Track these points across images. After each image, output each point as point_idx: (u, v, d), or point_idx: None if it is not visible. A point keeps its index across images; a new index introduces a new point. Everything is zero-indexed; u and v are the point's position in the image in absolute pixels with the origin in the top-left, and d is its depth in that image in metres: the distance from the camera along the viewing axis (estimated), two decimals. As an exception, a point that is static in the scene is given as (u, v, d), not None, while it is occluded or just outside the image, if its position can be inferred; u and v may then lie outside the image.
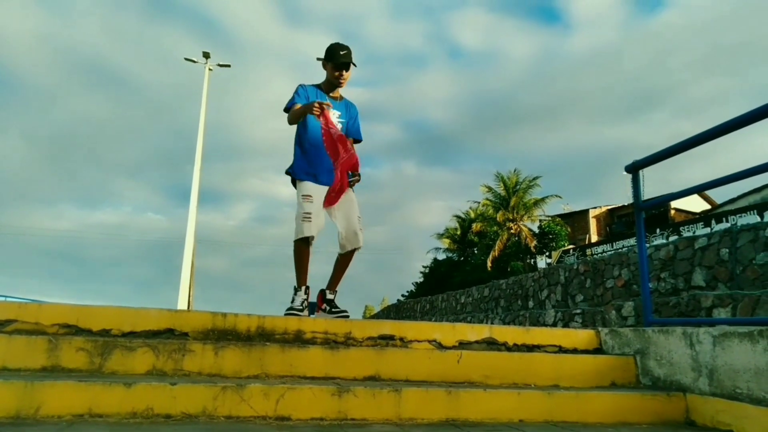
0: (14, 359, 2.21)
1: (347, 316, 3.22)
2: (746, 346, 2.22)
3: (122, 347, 2.32)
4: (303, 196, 3.26)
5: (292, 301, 3.25)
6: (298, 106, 3.29)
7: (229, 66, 20.74)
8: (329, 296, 3.37)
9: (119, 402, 1.95)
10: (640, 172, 3.32)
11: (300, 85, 3.45)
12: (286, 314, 3.10)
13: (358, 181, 3.50)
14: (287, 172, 3.43)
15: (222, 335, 2.64)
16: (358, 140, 3.55)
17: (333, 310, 3.33)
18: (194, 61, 20.25)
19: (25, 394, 1.89)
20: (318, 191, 3.32)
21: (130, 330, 2.54)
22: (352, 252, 3.39)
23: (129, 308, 2.63)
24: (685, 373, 2.54)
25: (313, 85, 3.46)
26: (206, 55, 20.25)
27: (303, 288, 3.28)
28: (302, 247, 3.26)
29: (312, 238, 3.24)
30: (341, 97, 3.53)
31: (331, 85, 3.42)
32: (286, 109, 3.37)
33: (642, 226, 3.25)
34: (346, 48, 3.32)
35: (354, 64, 3.33)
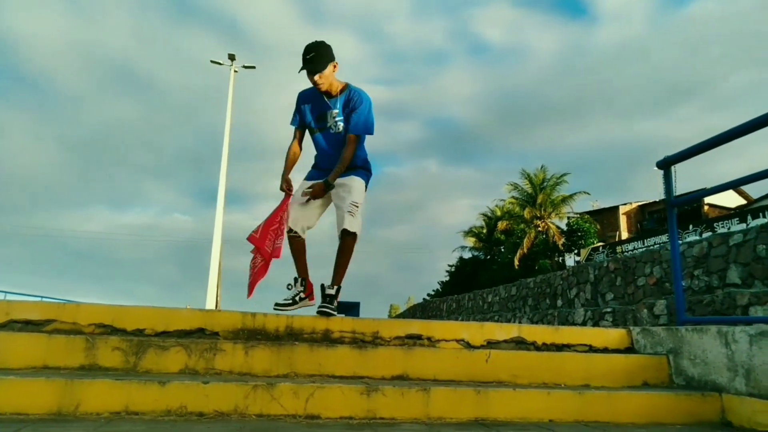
0: (54, 358, 2.29)
1: (327, 314, 2.88)
2: (785, 345, 2.15)
3: (156, 346, 2.37)
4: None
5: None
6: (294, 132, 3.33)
7: (254, 68, 21.00)
8: (328, 291, 3.03)
9: (154, 400, 2.00)
10: (672, 167, 3.25)
11: (300, 93, 3.30)
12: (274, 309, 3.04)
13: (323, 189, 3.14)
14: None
15: (252, 335, 2.68)
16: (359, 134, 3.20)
17: (321, 305, 2.99)
18: (220, 64, 20.56)
19: (66, 391, 1.96)
20: (303, 184, 3.27)
21: (163, 330, 2.61)
22: (344, 238, 3.10)
23: (161, 308, 2.70)
24: (721, 372, 2.48)
25: (311, 88, 3.22)
26: (232, 58, 20.54)
27: (298, 281, 3.22)
28: (289, 238, 3.21)
29: (292, 230, 3.16)
30: (344, 90, 3.20)
31: None
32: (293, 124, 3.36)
33: (674, 223, 3.18)
34: (310, 50, 3.04)
35: (312, 70, 3.02)
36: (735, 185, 2.95)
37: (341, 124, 3.20)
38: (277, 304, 3.09)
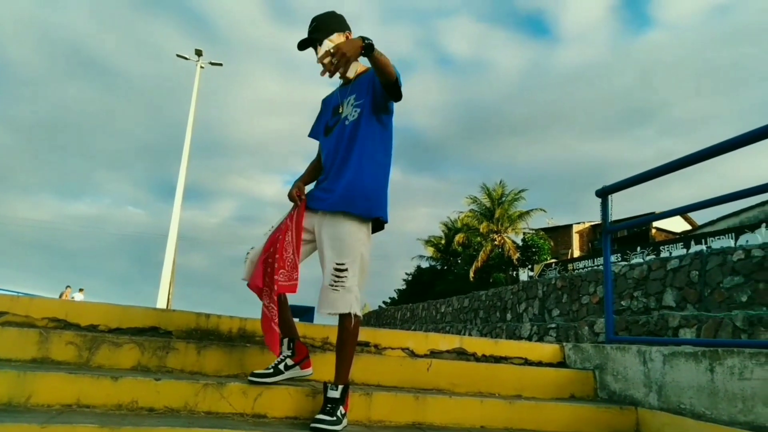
0: (6, 350, 2.33)
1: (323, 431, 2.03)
2: (691, 365, 2.40)
3: (109, 343, 2.44)
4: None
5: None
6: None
7: (221, 65, 20.82)
8: (330, 393, 2.14)
9: (106, 394, 2.08)
10: (610, 196, 3.52)
11: (322, 99, 2.64)
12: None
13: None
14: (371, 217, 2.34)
15: (204, 335, 2.77)
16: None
17: (316, 416, 2.07)
18: (186, 58, 20.29)
19: (17, 383, 2.01)
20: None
21: (117, 326, 2.67)
22: (340, 322, 2.22)
23: (116, 305, 2.76)
24: (638, 388, 2.72)
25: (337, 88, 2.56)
26: (198, 53, 20.29)
27: (283, 342, 2.38)
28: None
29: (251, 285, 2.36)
30: (366, 71, 2.42)
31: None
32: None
33: (608, 249, 3.44)
34: (311, 23, 2.40)
35: (316, 36, 2.34)
36: (667, 216, 3.23)
37: (359, 109, 2.34)
38: (253, 375, 2.28)
